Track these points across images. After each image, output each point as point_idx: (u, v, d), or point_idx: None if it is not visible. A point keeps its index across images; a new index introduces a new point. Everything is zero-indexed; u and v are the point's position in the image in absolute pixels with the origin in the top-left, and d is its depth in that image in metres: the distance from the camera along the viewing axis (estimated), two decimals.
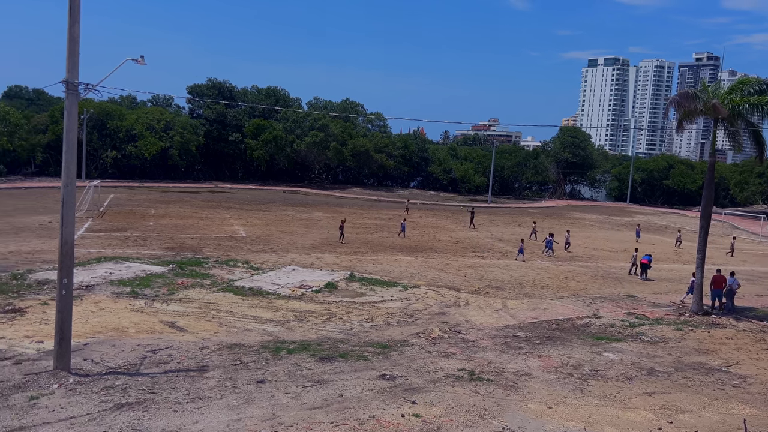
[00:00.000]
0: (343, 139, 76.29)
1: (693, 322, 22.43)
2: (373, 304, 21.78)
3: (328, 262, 29.39)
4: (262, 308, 20.24)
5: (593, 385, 14.82)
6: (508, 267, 31.39)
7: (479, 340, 18.25)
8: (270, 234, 37.29)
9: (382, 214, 53.19)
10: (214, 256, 28.94)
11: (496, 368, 15.63)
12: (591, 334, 19.74)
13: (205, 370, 14.22)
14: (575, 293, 26.24)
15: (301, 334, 17.71)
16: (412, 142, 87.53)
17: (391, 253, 33.12)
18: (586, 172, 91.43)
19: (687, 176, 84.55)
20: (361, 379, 14.18)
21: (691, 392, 14.89)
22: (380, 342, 17.30)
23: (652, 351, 18.29)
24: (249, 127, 75.64)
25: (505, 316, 21.41)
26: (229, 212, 47.05)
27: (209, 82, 78.44)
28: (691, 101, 23.96)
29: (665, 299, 26.11)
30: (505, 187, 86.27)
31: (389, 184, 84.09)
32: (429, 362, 15.78)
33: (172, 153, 69.82)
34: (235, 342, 16.46)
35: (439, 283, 26.14)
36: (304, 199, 62.97)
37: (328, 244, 34.93)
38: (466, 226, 47.22)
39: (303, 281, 24.37)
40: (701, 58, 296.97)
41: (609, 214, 68.32)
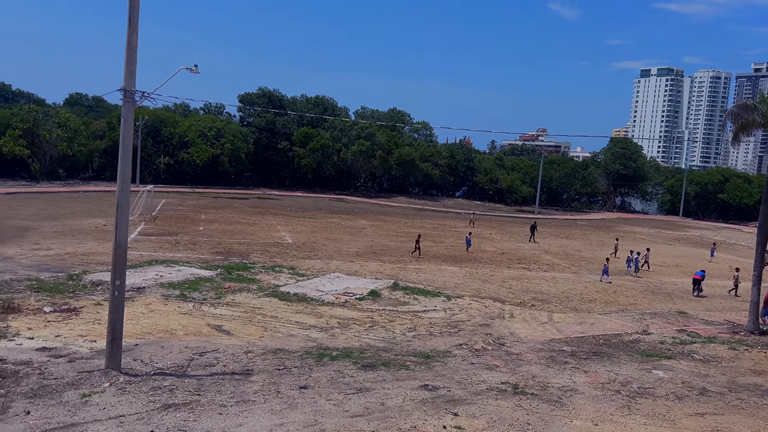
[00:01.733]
0: (389, 147, 76.60)
1: (748, 341, 21.58)
2: (416, 314, 21.72)
3: (371, 270, 29.48)
4: (306, 314, 20.43)
5: (641, 404, 14.41)
6: (554, 280, 30.87)
7: (524, 353, 17.98)
8: (315, 241, 37.67)
9: (426, 223, 53.09)
10: (260, 261, 29.39)
11: (541, 383, 15.36)
12: (640, 351, 19.21)
13: (249, 374, 14.43)
14: (624, 308, 25.61)
15: (344, 341, 17.79)
16: (458, 151, 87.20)
17: (435, 263, 33.00)
18: (638, 185, 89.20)
19: (743, 190, 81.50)
20: (402, 388, 14.14)
21: (746, 414, 14.31)
22: (423, 352, 17.23)
23: (704, 370, 17.67)
24: (297, 135, 76.72)
25: (551, 330, 21.04)
26: (276, 219, 47.76)
27: (259, 91, 79.97)
28: (748, 113, 23.19)
29: (719, 317, 25.22)
30: (552, 198, 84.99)
31: (434, 194, 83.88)
32: (472, 374, 15.63)
33: (222, 160, 71.34)
34: (279, 347, 16.65)
35: (483, 294, 25.89)
36: (350, 207, 63.41)
37: (372, 252, 35.05)
38: (526, 240, 45.78)
39: (347, 288, 24.50)
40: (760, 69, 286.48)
41: (660, 227, 66.50)
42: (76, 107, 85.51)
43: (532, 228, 46.25)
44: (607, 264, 32.52)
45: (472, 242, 38.71)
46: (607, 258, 34.13)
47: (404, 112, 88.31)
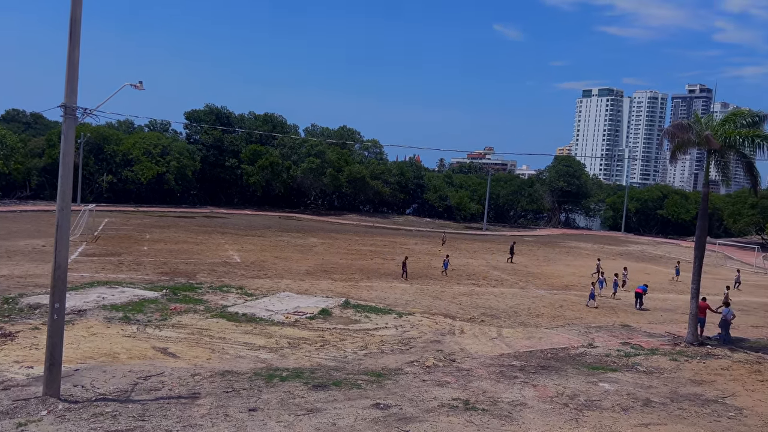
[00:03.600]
0: (339, 165, 76.63)
1: (688, 352, 22.33)
2: (368, 332, 21.63)
3: (322, 288, 29.27)
4: (255, 335, 20.08)
5: (588, 416, 14.68)
6: (503, 295, 31.31)
7: (474, 368, 18.11)
8: (264, 260, 37.18)
9: (377, 240, 53.17)
10: (208, 281, 28.79)
11: (491, 398, 15.48)
12: (586, 364, 19.61)
13: (196, 397, 14.05)
14: (570, 322, 26.14)
15: (294, 361, 17.54)
16: (408, 169, 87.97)
17: (386, 280, 33.02)
18: (581, 201, 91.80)
19: (681, 206, 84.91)
20: (354, 407, 14.02)
21: (687, 424, 14.76)
22: (374, 370, 17.15)
23: (648, 381, 18.17)
24: (245, 152, 75.95)
25: (501, 345, 21.28)
26: (224, 237, 46.95)
27: (207, 108, 78.97)
28: (684, 132, 24.19)
29: (660, 329, 26.03)
30: (500, 214, 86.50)
31: (385, 211, 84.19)
32: (423, 391, 15.63)
33: (168, 178, 69.90)
34: (227, 369, 16.29)
35: (434, 311, 26.02)
36: (300, 225, 62.95)
37: (323, 270, 34.82)
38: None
39: (297, 308, 24.23)
40: (694, 90, 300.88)
41: (604, 243, 68.42)
42: (12, 123, 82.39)
43: (511, 248, 46.09)
44: (594, 288, 31.12)
45: (449, 264, 37.11)
46: (593, 282, 32.59)
47: (354, 130, 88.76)
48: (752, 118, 24.04)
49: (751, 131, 23.35)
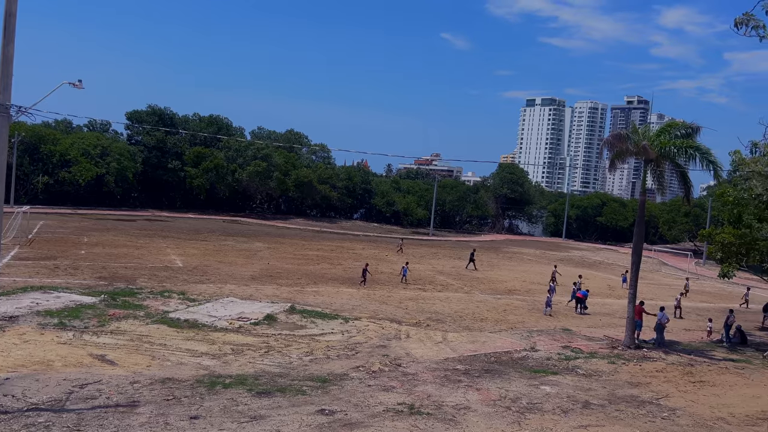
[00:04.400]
0: (287, 169, 75.99)
1: (625, 355, 23.09)
2: (314, 337, 21.50)
3: (267, 293, 28.92)
4: (197, 341, 19.66)
5: (530, 419, 14.98)
6: (448, 300, 31.65)
7: (419, 373, 18.23)
8: (208, 264, 36.46)
9: (324, 245, 52.93)
10: (148, 286, 28.03)
11: (436, 402, 15.61)
12: (528, 367, 20.02)
13: (135, 405, 13.64)
14: (513, 326, 26.64)
15: (238, 368, 17.26)
16: (356, 174, 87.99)
17: (333, 285, 32.90)
18: (524, 208, 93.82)
19: (619, 214, 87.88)
20: (299, 414, 13.90)
21: (624, 425, 15.24)
22: (320, 376, 17.05)
23: (587, 384, 18.68)
24: (189, 155, 74.40)
25: (446, 349, 21.50)
26: (166, 241, 45.82)
27: (149, 109, 76.98)
28: (622, 142, 25.07)
29: (599, 333, 26.82)
30: (446, 220, 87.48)
31: (332, 216, 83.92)
32: (369, 396, 15.63)
33: (107, 180, 67.76)
34: (168, 376, 15.88)
35: (380, 316, 26.07)
36: (245, 229, 62.05)
37: (268, 275, 34.41)
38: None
39: (241, 313, 23.85)
40: (632, 102, 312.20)
41: (545, 248, 70.09)
42: None
43: (471, 255, 46.20)
44: (550, 296, 31.23)
45: (408, 272, 36.63)
46: (549, 290, 32.61)
47: (302, 134, 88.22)
48: (686, 129, 25.11)
49: (684, 142, 24.38)
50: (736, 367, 22.75)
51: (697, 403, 17.72)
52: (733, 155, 24.35)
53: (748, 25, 14.90)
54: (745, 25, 14.91)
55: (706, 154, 24.16)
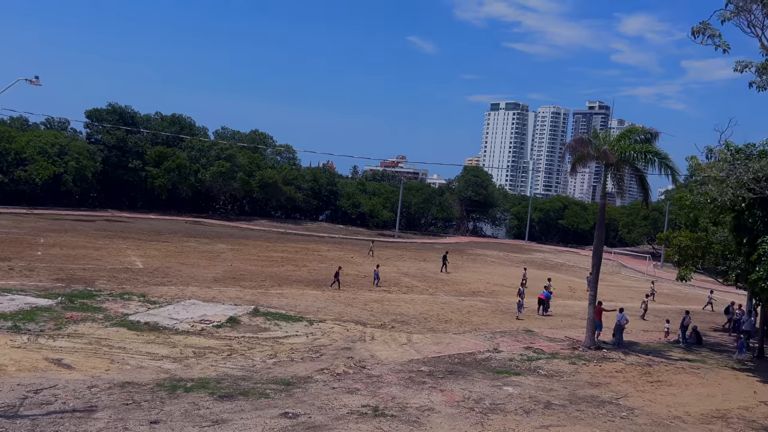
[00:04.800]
0: (251, 170, 75.20)
1: (586, 356, 23.49)
2: (277, 340, 21.31)
3: (231, 296, 28.57)
4: (158, 344, 19.30)
5: (493, 419, 15.12)
6: (413, 301, 31.75)
7: (384, 375, 18.23)
8: (169, 266, 35.84)
9: (289, 246, 52.56)
10: (107, 288, 27.41)
11: (400, 404, 15.63)
12: (492, 368, 20.21)
13: (93, 410, 13.31)
14: (477, 328, 26.87)
15: (199, 371, 17.00)
16: (322, 175, 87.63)
17: (298, 287, 32.69)
18: (488, 210, 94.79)
19: (580, 217, 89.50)
20: (262, 417, 13.75)
21: (585, 424, 15.50)
22: (283, 379, 16.91)
23: (549, 384, 18.95)
24: (151, 154, 73.05)
25: (410, 351, 21.55)
26: (126, 242, 44.90)
27: (109, 107, 75.29)
28: (584, 147, 25.53)
29: (560, 334, 27.24)
30: (411, 222, 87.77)
31: (297, 217, 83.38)
32: (333, 399, 15.56)
33: (65, 179, 66.03)
34: (127, 380, 15.55)
35: (345, 318, 26.00)
36: (208, 230, 61.20)
37: (231, 277, 34.00)
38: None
39: (203, 316, 23.51)
40: (593, 107, 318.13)
41: (509, 251, 70.91)
42: None
43: (444, 258, 46.12)
44: (522, 299, 30.99)
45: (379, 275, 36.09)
46: (520, 293, 32.21)
47: (267, 134, 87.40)
48: (645, 134, 25.72)
49: (644, 147, 24.96)
50: (691, 367, 23.37)
51: (655, 402, 18.13)
52: (690, 160, 24.99)
53: (704, 33, 15.36)
54: (702, 33, 15.36)
55: (665, 159, 24.78)
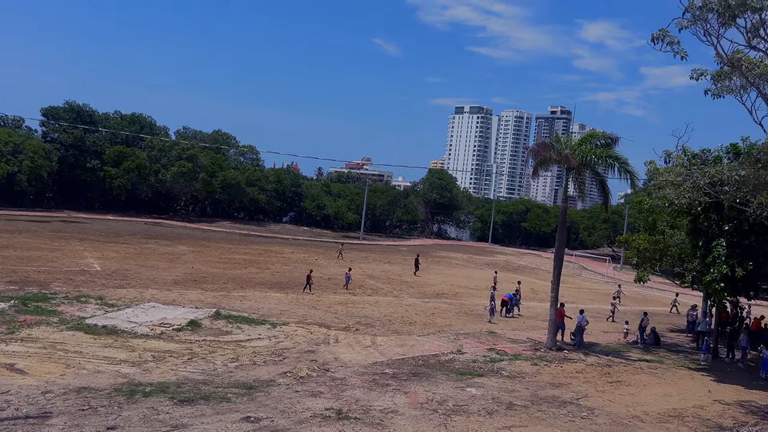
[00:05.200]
0: (213, 170, 74.20)
1: (548, 357, 23.79)
2: (240, 343, 21.02)
3: (191, 298, 28.08)
4: (116, 348, 18.83)
5: (456, 421, 15.16)
6: (378, 303, 31.71)
7: (348, 377, 18.13)
8: (128, 268, 35.06)
9: (252, 249, 51.98)
10: (63, 291, 26.65)
11: (364, 406, 15.56)
12: (455, 370, 20.29)
13: (47, 416, 12.89)
14: (441, 330, 26.96)
15: (159, 375, 16.64)
16: (286, 176, 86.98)
17: (261, 290, 32.33)
18: (452, 213, 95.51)
19: (542, 220, 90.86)
20: (223, 422, 13.52)
21: (546, 425, 15.67)
22: (245, 382, 16.66)
23: (511, 385, 19.11)
24: (110, 154, 71.48)
25: (374, 353, 21.50)
26: (83, 244, 43.77)
27: (67, 105, 73.38)
28: (546, 151, 25.90)
29: (523, 335, 27.54)
30: (376, 224, 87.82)
31: (261, 219, 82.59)
32: (296, 402, 15.40)
33: (20, 179, 64.10)
34: (83, 385, 15.12)
35: (309, 321, 25.80)
36: (168, 231, 60.12)
37: (192, 279, 33.43)
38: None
39: (163, 319, 23.04)
40: (555, 112, 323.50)
41: (472, 253, 71.51)
42: None
43: (416, 261, 46.08)
44: (494, 303, 30.79)
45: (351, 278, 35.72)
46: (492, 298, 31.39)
47: (230, 135, 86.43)
48: (605, 139, 26.22)
49: (604, 152, 25.44)
50: (650, 367, 23.88)
51: (614, 402, 18.45)
52: (649, 165, 25.56)
53: (663, 40, 15.70)
54: (661, 40, 15.70)
55: (624, 163, 25.30)
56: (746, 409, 19.15)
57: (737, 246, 23.47)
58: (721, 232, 23.84)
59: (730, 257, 23.23)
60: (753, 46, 16.01)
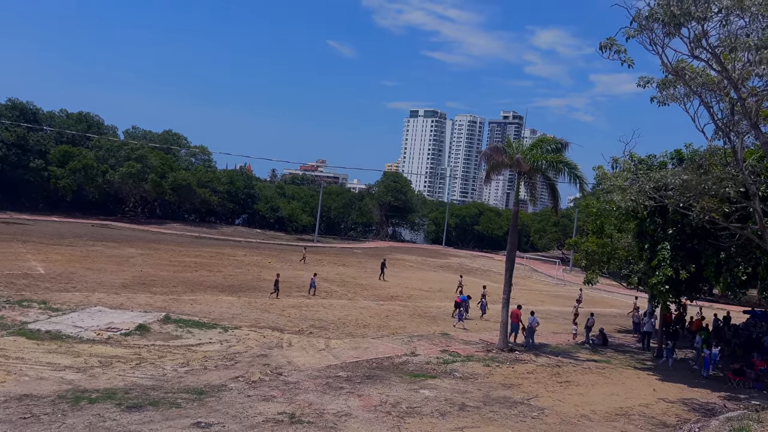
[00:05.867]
0: (163, 171, 72.56)
1: (499, 358, 24.13)
2: (190, 348, 20.61)
3: (140, 302, 27.39)
4: (60, 354, 18.21)
5: (410, 423, 15.22)
6: (332, 306, 31.58)
7: (301, 381, 17.99)
8: (74, 271, 33.96)
9: (204, 251, 51.06)
10: (4, 295, 25.62)
11: (317, 410, 15.46)
12: (409, 372, 20.37)
13: None
14: (395, 332, 27.03)
15: (106, 381, 16.16)
16: (239, 178, 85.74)
17: (212, 293, 31.78)
18: (407, 216, 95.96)
19: (494, 223, 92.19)
20: (173, 428, 13.23)
21: (498, 425, 15.88)
22: (196, 387, 16.34)
23: (464, 387, 19.30)
24: (55, 153, 69.11)
25: (328, 356, 21.40)
26: (26, 246, 42.19)
27: (9, 102, 70.64)
28: (498, 155, 26.30)
29: (475, 337, 27.85)
30: (331, 227, 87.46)
31: (212, 221, 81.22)
32: (248, 407, 15.19)
33: None
34: (25, 392, 14.56)
35: (261, 324, 25.49)
36: (116, 233, 58.52)
37: (141, 283, 32.62)
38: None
39: (110, 323, 22.41)
40: (508, 117, 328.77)
41: (426, 255, 71.98)
42: None
43: (382, 265, 45.72)
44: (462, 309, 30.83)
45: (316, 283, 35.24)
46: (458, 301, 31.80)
47: (180, 135, 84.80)
48: (556, 144, 26.78)
49: (554, 157, 25.99)
50: (598, 367, 24.48)
51: (564, 402, 18.84)
52: (597, 170, 26.20)
53: (611, 49, 16.14)
54: (608, 49, 16.14)
55: (573, 168, 25.91)
56: (689, 407, 19.84)
57: (681, 249, 24.30)
58: (666, 235, 24.64)
59: (674, 260, 24.03)
60: (696, 56, 16.62)
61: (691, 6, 15.10)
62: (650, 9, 15.71)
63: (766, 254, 20.48)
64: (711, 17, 15.53)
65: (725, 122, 18.56)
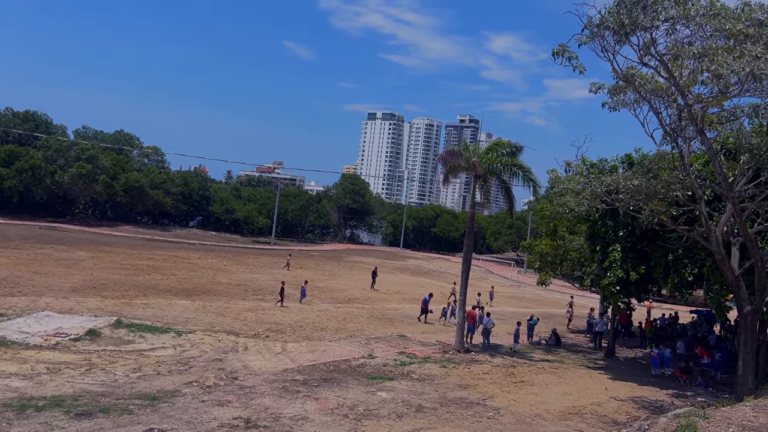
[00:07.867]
0: (115, 172, 70.79)
1: (456, 359, 24.34)
2: (142, 353, 20.15)
3: (90, 306, 26.64)
4: (5, 360, 17.56)
5: (367, 425, 15.21)
6: (289, 310, 31.33)
7: (257, 385, 17.79)
8: (20, 275, 32.80)
9: (157, 254, 49.99)
10: None
11: (273, 414, 15.31)
12: (366, 374, 20.37)
13: None
14: (352, 334, 27.00)
15: (54, 388, 15.65)
16: (193, 179, 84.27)
17: (165, 297, 31.14)
18: (365, 218, 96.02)
19: (451, 225, 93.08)
20: None
21: (454, 426, 16.01)
22: (148, 393, 15.98)
23: (421, 388, 19.41)
24: (0, 153, 66.69)
25: (285, 360, 21.22)
26: None
27: None
28: (455, 158, 26.59)
29: (432, 338, 28.04)
30: (288, 229, 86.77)
31: (166, 223, 79.60)
32: (202, 412, 14.94)
33: None
34: None
35: (216, 328, 25.11)
36: (66, 236, 56.77)
37: (91, 286, 31.73)
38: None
39: (59, 328, 21.72)
40: (464, 120, 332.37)
41: (384, 257, 72.11)
42: None
43: (373, 274, 45.07)
44: (447, 308, 32.44)
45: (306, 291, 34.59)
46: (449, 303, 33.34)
47: (133, 135, 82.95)
48: (511, 148, 27.22)
49: (509, 160, 26.41)
50: (551, 367, 24.95)
51: (519, 402, 19.13)
52: (551, 173, 26.71)
53: (563, 55, 16.49)
54: (561, 55, 16.48)
55: (528, 172, 26.37)
56: (638, 405, 20.41)
57: (631, 251, 24.99)
58: (617, 237, 25.30)
59: (624, 261, 24.70)
60: (645, 63, 17.10)
61: (640, 15, 15.54)
62: (601, 17, 16.11)
63: (711, 256, 21.22)
64: (658, 26, 16.02)
65: (673, 128, 19.16)
